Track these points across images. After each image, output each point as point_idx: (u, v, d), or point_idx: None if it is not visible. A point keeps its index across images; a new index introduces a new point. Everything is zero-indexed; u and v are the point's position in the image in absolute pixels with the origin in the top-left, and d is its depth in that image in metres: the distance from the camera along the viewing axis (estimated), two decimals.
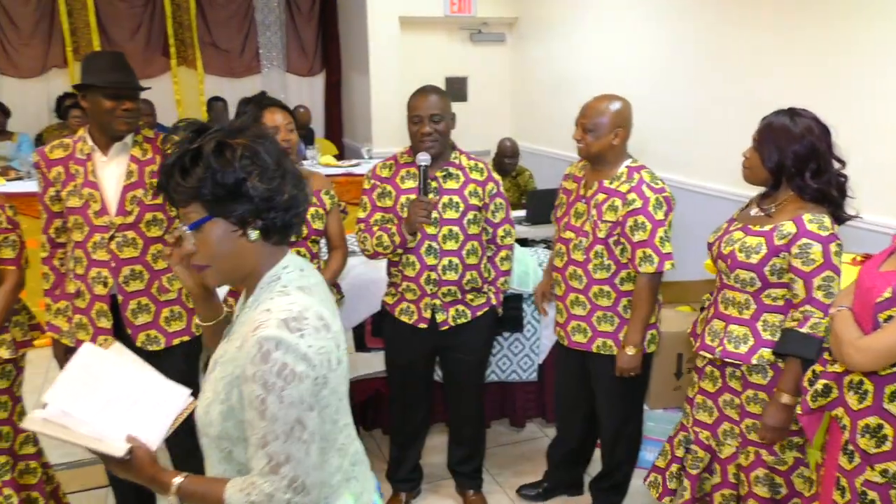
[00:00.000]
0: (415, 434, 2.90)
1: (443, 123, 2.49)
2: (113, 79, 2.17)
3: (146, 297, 2.29)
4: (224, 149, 1.17)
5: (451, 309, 2.61)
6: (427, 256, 2.55)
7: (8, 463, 2.29)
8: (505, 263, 2.70)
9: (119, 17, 6.47)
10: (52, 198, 2.28)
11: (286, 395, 1.12)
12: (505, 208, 2.65)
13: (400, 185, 2.58)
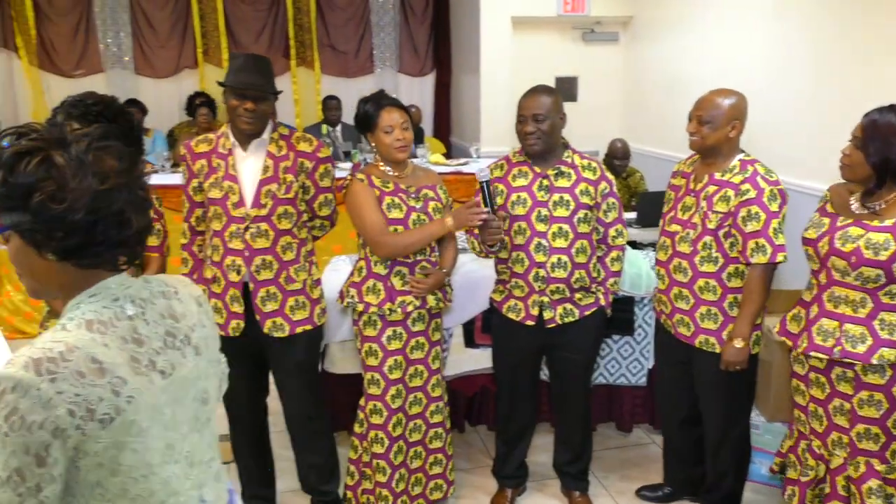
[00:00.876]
0: (521, 432, 2.92)
1: (546, 123, 2.50)
2: (239, 80, 2.30)
3: (274, 286, 2.42)
4: (21, 157, 1.04)
5: (559, 307, 2.61)
6: (536, 254, 2.56)
7: None
8: (615, 264, 2.67)
9: (245, 21, 6.84)
10: (194, 188, 2.44)
11: (8, 441, 0.97)
12: (617, 208, 2.64)
13: (511, 184, 2.62)
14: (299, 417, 2.61)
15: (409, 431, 2.65)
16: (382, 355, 2.55)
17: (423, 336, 2.60)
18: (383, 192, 2.48)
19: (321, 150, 2.48)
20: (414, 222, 2.49)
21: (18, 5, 6.34)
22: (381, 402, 2.57)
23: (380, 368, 2.55)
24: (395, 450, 2.61)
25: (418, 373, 2.62)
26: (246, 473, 2.77)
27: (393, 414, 2.57)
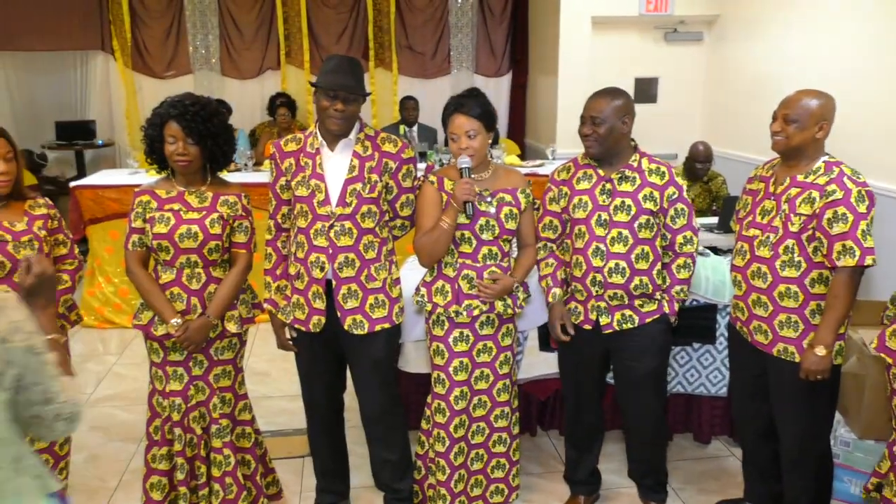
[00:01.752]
0: (588, 437, 2.87)
1: (604, 127, 2.45)
2: (331, 81, 2.34)
3: (356, 283, 2.45)
4: None
5: (617, 313, 2.56)
6: (594, 258, 2.52)
7: (229, 426, 2.56)
8: (682, 272, 2.58)
9: (327, 23, 6.99)
10: (282, 186, 2.50)
11: None
12: (687, 215, 2.55)
13: (575, 186, 2.58)
14: (375, 414, 2.64)
15: (472, 434, 2.65)
16: (448, 356, 2.55)
17: (491, 340, 2.59)
18: (451, 196, 2.48)
19: (405, 150, 2.51)
20: (482, 228, 2.48)
21: (116, 10, 6.67)
22: (444, 401, 2.58)
23: (445, 368, 2.56)
24: (456, 450, 2.61)
25: (484, 376, 2.61)
26: (321, 467, 2.82)
27: (456, 415, 2.58)
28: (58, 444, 2.57)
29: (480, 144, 2.45)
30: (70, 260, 2.56)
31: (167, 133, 2.37)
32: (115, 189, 4.85)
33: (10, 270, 2.34)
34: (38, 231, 2.43)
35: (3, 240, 2.34)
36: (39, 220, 2.45)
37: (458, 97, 2.49)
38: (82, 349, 4.53)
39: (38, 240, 2.41)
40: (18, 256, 2.34)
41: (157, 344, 2.48)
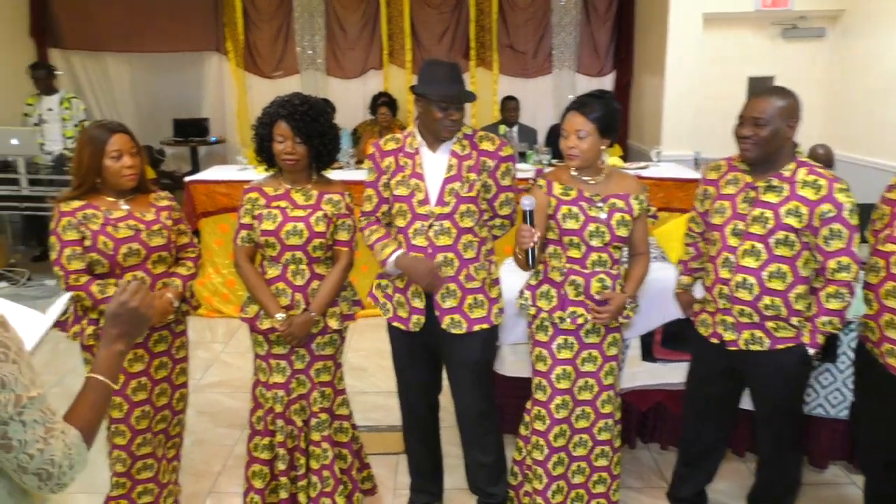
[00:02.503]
0: (703, 454, 2.73)
1: (767, 129, 2.26)
2: (444, 92, 2.33)
3: (454, 283, 2.44)
4: None
5: (746, 332, 2.38)
6: (722, 269, 2.38)
7: (328, 420, 2.60)
8: (832, 301, 2.30)
9: (429, 23, 7.04)
10: (383, 185, 2.51)
11: None
12: (845, 238, 2.25)
13: (720, 189, 2.45)
14: (471, 415, 2.61)
15: (574, 445, 2.57)
16: (551, 362, 2.49)
17: (596, 349, 2.50)
18: (561, 202, 2.40)
19: (503, 149, 2.48)
20: (591, 234, 2.38)
21: (230, 13, 6.97)
22: (545, 409, 2.51)
23: (547, 375, 2.50)
24: (555, 460, 2.54)
25: (588, 386, 2.52)
26: (415, 467, 2.82)
27: (556, 423, 2.51)
28: (171, 424, 2.68)
29: (589, 147, 2.35)
30: (191, 249, 2.66)
31: (276, 132, 2.42)
32: (226, 184, 5.05)
33: (145, 257, 2.47)
34: (165, 220, 2.53)
35: (136, 229, 2.46)
36: (164, 210, 2.56)
37: (583, 96, 2.40)
38: (192, 336, 4.64)
39: (166, 228, 2.52)
40: (151, 244, 2.47)
41: (262, 337, 2.54)
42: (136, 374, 2.52)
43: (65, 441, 1.17)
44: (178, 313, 2.60)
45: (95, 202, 2.44)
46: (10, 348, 1.12)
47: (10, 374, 1.11)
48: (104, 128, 2.41)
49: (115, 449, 2.55)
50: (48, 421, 1.15)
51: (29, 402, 1.13)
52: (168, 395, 2.63)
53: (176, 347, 2.64)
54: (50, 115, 5.90)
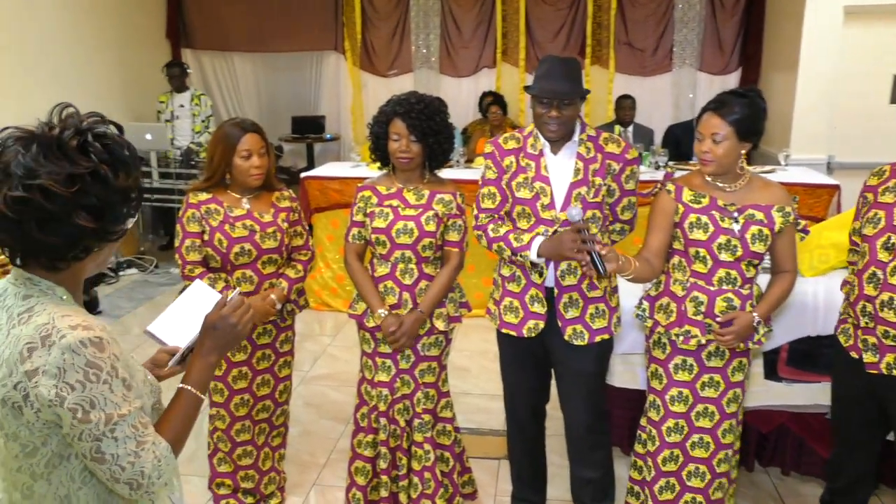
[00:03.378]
0: (850, 486, 2.51)
1: None
2: (544, 87, 2.24)
3: (577, 292, 2.35)
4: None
5: (889, 355, 2.15)
6: (868, 284, 2.16)
7: (430, 422, 2.58)
8: None
9: (545, 20, 6.92)
10: (504, 184, 2.43)
11: None
12: None
13: (878, 196, 2.23)
14: (579, 428, 2.51)
15: (688, 474, 2.38)
16: (666, 382, 2.34)
17: (719, 374, 2.30)
18: (689, 209, 2.24)
19: (629, 151, 2.37)
20: (720, 247, 2.19)
21: (349, 13, 7.14)
22: (657, 430, 2.37)
23: (662, 395, 2.35)
24: (662, 484, 2.39)
25: (708, 413, 2.33)
26: (517, 474, 2.75)
27: (666, 447, 2.36)
28: (274, 414, 2.75)
29: (726, 152, 2.15)
30: (304, 251, 2.71)
31: (392, 130, 2.42)
32: (339, 181, 5.15)
33: (255, 258, 2.54)
34: (282, 223, 2.59)
35: (252, 230, 2.53)
36: (283, 212, 2.62)
37: (724, 94, 2.21)
38: (301, 329, 4.84)
39: (280, 231, 2.58)
40: (263, 246, 2.53)
41: (369, 334, 2.55)
42: (237, 363, 2.61)
43: (155, 453, 1.21)
44: (283, 313, 2.65)
45: (221, 197, 2.54)
46: (102, 369, 1.15)
47: (100, 394, 1.15)
48: (238, 126, 2.50)
49: (217, 431, 2.67)
50: (140, 435, 1.19)
51: (120, 419, 1.17)
52: (270, 387, 2.70)
53: (280, 341, 2.70)
54: (181, 112, 6.25)
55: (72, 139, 1.16)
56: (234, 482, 2.74)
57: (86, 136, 1.18)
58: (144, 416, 1.22)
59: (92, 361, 1.14)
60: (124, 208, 1.21)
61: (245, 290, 2.53)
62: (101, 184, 1.16)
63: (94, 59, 5.97)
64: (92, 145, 1.17)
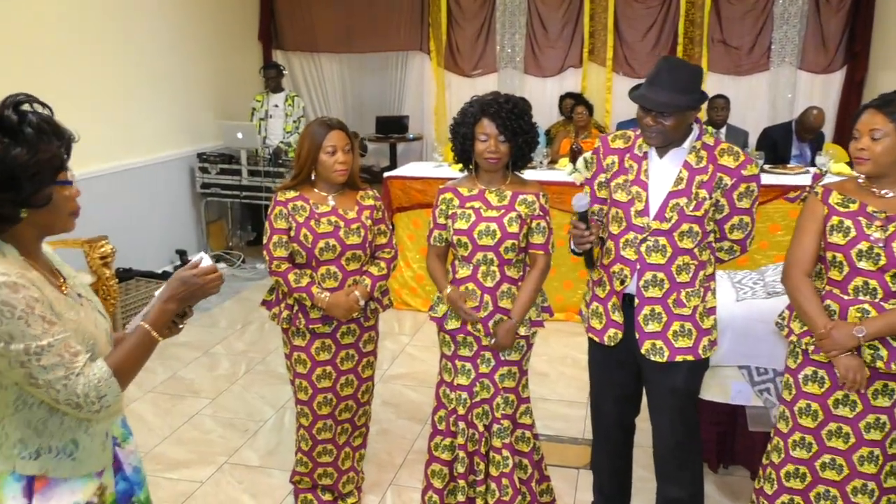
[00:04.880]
0: None
1: None
2: (642, 93, 2.14)
3: (661, 305, 2.23)
4: None
5: None
6: None
7: (510, 427, 2.52)
8: None
9: (634, 18, 6.74)
10: (600, 183, 2.36)
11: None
12: None
13: None
14: (667, 444, 2.40)
15: (817, 497, 2.18)
16: (795, 393, 2.19)
17: (855, 393, 2.10)
18: (834, 211, 2.08)
19: (748, 166, 2.18)
20: (859, 254, 2.01)
21: (436, 13, 7.17)
22: (783, 441, 2.21)
23: (791, 406, 2.20)
24: (785, 500, 2.23)
25: (841, 434, 2.12)
26: (599, 487, 2.66)
27: (790, 461, 2.18)
28: (357, 414, 2.76)
29: (885, 150, 1.97)
30: (388, 249, 2.72)
31: (479, 130, 2.38)
32: (421, 181, 5.17)
33: (340, 253, 2.56)
34: (366, 220, 2.61)
35: (337, 225, 2.56)
36: (367, 209, 2.64)
37: (890, 93, 2.04)
38: (381, 327, 4.83)
39: (364, 228, 2.60)
40: (347, 242, 2.55)
41: (450, 337, 2.52)
42: (321, 362, 2.63)
43: (86, 379, 1.36)
44: (367, 311, 2.66)
45: (307, 194, 2.58)
46: (17, 307, 1.31)
47: (16, 329, 1.31)
48: (324, 124, 2.55)
49: (301, 428, 2.70)
50: (67, 363, 1.35)
51: (41, 349, 1.33)
52: (353, 387, 2.71)
53: (364, 341, 2.71)
54: (275, 112, 6.43)
55: None
56: (311, 480, 2.77)
57: None
58: (74, 347, 1.38)
59: (5, 301, 1.30)
60: (32, 180, 1.34)
61: (329, 287, 2.56)
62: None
63: (191, 62, 6.21)
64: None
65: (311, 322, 2.58)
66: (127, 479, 1.63)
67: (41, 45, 4.55)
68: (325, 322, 2.59)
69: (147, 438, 3.37)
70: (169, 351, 4.44)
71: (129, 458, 1.66)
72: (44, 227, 1.44)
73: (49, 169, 1.37)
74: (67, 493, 1.46)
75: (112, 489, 1.57)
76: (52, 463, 1.45)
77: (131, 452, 1.67)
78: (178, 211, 6.11)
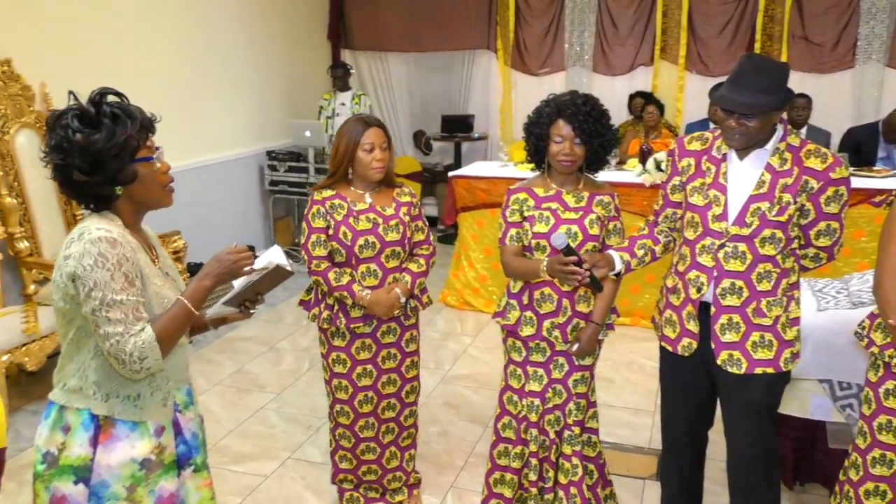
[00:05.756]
0: None
1: None
2: (723, 94, 2.03)
3: (739, 315, 2.13)
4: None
5: None
6: None
7: (579, 435, 2.45)
8: None
9: (709, 15, 6.52)
10: (674, 186, 2.27)
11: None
12: None
13: None
14: (742, 459, 2.28)
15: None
16: (875, 408, 2.06)
17: None
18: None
19: (836, 169, 2.05)
20: None
21: (503, 11, 7.11)
22: (862, 458, 2.09)
23: (870, 421, 2.07)
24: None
25: None
26: (667, 499, 2.56)
27: (869, 479, 2.07)
28: (402, 414, 2.74)
29: None
30: (426, 245, 2.69)
31: (554, 132, 2.32)
32: (486, 180, 5.12)
33: (379, 251, 2.55)
34: (403, 216, 2.60)
35: (375, 222, 2.55)
36: (404, 206, 2.62)
37: None
38: (444, 327, 4.90)
39: (402, 224, 2.58)
40: (387, 238, 2.54)
41: (521, 343, 2.47)
42: (362, 360, 2.63)
43: (136, 341, 1.51)
44: (408, 309, 2.64)
45: (344, 192, 2.58)
46: (109, 260, 1.49)
47: (101, 279, 1.48)
48: (362, 121, 2.54)
49: (339, 427, 2.70)
50: (129, 322, 1.51)
51: (114, 303, 1.49)
52: (396, 386, 2.70)
53: (406, 341, 2.69)
54: (342, 110, 6.49)
55: (58, 118, 1.52)
56: (356, 477, 2.78)
57: (71, 112, 1.52)
58: (141, 313, 1.54)
59: (102, 252, 1.49)
60: (115, 159, 1.51)
61: (369, 285, 2.55)
62: (79, 148, 1.49)
63: (263, 62, 6.33)
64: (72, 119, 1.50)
65: (352, 322, 2.57)
66: (186, 442, 1.74)
67: (126, 50, 4.72)
68: (366, 322, 2.58)
69: (214, 430, 3.44)
70: (236, 345, 4.54)
71: (189, 424, 1.77)
72: (140, 201, 1.62)
73: (128, 148, 1.53)
74: (127, 447, 1.61)
75: (172, 450, 1.70)
76: (119, 406, 1.62)
77: (191, 419, 1.79)
78: (246, 207, 6.24)
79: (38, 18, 4.12)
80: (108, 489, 1.59)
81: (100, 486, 1.59)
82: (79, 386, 1.60)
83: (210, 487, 1.80)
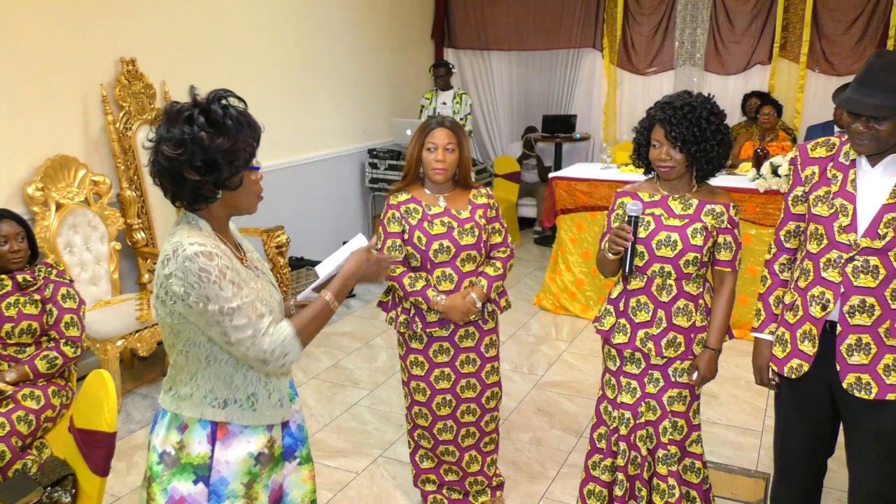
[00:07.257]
0: None
1: None
2: (848, 96, 1.85)
3: (869, 335, 1.94)
4: None
5: None
6: None
7: (677, 455, 2.32)
8: None
9: (837, 10, 6.08)
10: (796, 197, 2.11)
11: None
12: None
13: None
14: (867, 492, 2.07)
15: None
16: None
17: None
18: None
19: None
20: None
21: (611, 9, 6.90)
22: None
23: None
24: None
25: None
26: None
27: None
28: (483, 420, 2.69)
29: None
30: (503, 248, 2.63)
31: (653, 136, 2.23)
32: (586, 182, 4.98)
33: (454, 255, 2.50)
34: (479, 219, 2.55)
35: (450, 226, 2.51)
36: (481, 208, 2.57)
37: None
38: (538, 331, 4.80)
39: (478, 227, 2.53)
40: (462, 242, 2.50)
41: (616, 351, 2.37)
42: (439, 363, 2.60)
43: (271, 338, 1.55)
44: (485, 313, 2.59)
45: (419, 196, 2.56)
46: (212, 273, 1.49)
47: (211, 293, 1.49)
48: (430, 122, 2.54)
49: (418, 428, 2.69)
50: (254, 324, 1.53)
51: (232, 311, 1.51)
52: (476, 391, 2.65)
53: (485, 345, 2.64)
54: (443, 109, 6.50)
55: (184, 111, 1.50)
56: (438, 477, 2.76)
57: (197, 109, 1.50)
58: (259, 308, 1.55)
59: (203, 267, 1.49)
60: (230, 165, 1.51)
61: (445, 289, 2.51)
62: (200, 147, 1.47)
63: (368, 61, 6.43)
64: (199, 116, 1.49)
65: (429, 326, 2.55)
66: (291, 434, 1.77)
67: (241, 51, 4.90)
68: (443, 326, 2.55)
69: (309, 424, 3.51)
70: (332, 340, 4.62)
71: (295, 416, 1.79)
72: (233, 207, 1.63)
73: (244, 156, 1.55)
74: (244, 443, 1.64)
75: (280, 442, 1.73)
76: (237, 412, 1.64)
77: (297, 412, 1.81)
78: (347, 204, 6.36)
79: (162, 20, 4.33)
80: (227, 486, 1.61)
81: (219, 483, 1.61)
82: (189, 393, 1.63)
83: (313, 480, 1.83)
